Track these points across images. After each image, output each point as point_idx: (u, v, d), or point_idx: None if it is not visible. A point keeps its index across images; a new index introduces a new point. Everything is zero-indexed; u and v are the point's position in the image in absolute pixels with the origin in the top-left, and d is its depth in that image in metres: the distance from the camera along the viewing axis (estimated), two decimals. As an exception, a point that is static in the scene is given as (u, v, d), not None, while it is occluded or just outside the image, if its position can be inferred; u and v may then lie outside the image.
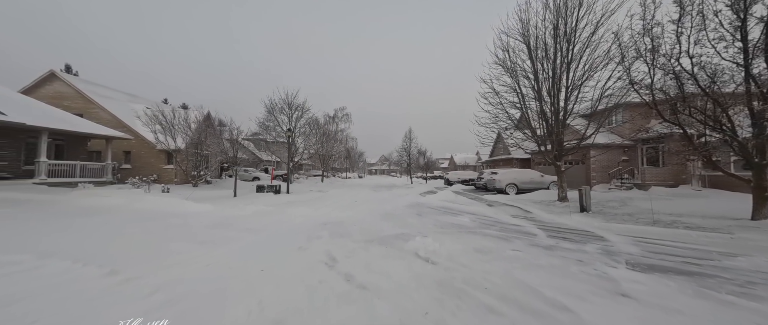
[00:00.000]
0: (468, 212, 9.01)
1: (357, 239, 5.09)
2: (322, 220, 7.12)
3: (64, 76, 15.69)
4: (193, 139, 14.78)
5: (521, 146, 11.82)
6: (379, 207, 10.00)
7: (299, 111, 20.08)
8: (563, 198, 10.55)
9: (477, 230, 6.16)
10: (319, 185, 25.12)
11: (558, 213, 8.60)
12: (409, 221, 7.25)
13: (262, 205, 9.57)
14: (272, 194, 13.66)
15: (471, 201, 12.05)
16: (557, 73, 10.42)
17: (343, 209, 9.26)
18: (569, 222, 7.14)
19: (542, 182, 14.35)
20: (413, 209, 9.50)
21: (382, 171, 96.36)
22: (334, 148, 36.26)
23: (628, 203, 10.02)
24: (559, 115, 10.64)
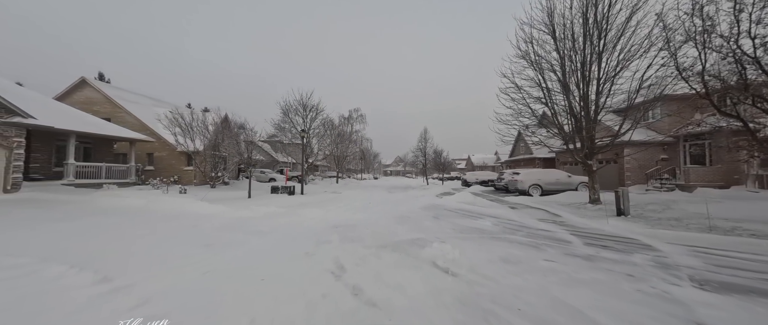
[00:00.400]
0: (489, 215, 8.38)
1: (368, 245, 4.69)
2: (334, 222, 6.78)
3: (94, 83, 16.54)
4: (211, 141, 15.03)
5: (547, 144, 10.98)
6: (393, 209, 9.57)
7: (313, 112, 20.10)
8: (595, 200, 9.64)
9: (501, 235, 5.58)
10: (334, 186, 25.04)
11: (591, 217, 7.78)
12: (426, 224, 6.76)
13: (275, 206, 9.40)
14: (286, 195, 13.57)
15: (491, 203, 11.34)
16: (587, 64, 9.56)
17: (356, 211, 8.91)
18: (606, 227, 6.38)
19: (569, 183, 13.33)
20: (429, 212, 8.99)
21: (398, 172, 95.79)
22: (348, 149, 36.24)
23: (672, 206, 8.97)
24: (589, 109, 9.76)
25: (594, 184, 9.70)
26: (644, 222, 6.83)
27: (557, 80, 10.30)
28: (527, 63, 10.61)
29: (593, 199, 9.67)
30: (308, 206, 10.01)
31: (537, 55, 10.37)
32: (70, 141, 10.99)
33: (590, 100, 9.71)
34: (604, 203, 9.67)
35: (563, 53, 9.87)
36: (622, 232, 5.90)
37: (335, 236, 5.29)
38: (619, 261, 3.91)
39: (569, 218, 7.80)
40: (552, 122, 10.37)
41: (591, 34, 9.32)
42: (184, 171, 15.74)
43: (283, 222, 6.81)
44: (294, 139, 21.27)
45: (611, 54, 9.05)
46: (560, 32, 9.95)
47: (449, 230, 6.03)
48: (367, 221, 7.12)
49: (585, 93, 9.68)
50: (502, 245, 4.78)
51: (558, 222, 7.16)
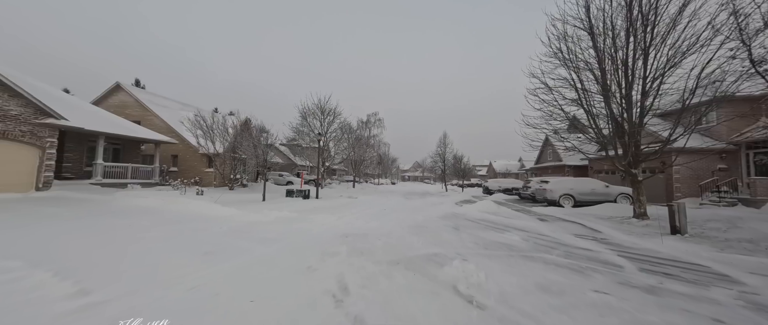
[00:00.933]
0: (516, 227, 7.54)
1: (379, 259, 4.14)
2: (345, 230, 6.31)
3: (128, 88, 17.52)
4: (231, 143, 15.25)
5: (581, 150, 9.90)
6: (409, 217, 8.96)
7: (331, 115, 20.00)
8: (642, 215, 8.46)
9: (533, 253, 4.82)
10: (350, 190, 24.77)
11: (640, 235, 6.73)
12: (445, 236, 6.10)
13: (287, 211, 9.12)
14: (301, 199, 13.37)
15: (517, 214, 10.40)
16: (630, 61, 8.50)
17: (370, 219, 8.40)
18: (662, 249, 5.38)
19: (607, 194, 12.01)
20: (449, 221, 8.29)
21: (416, 178, 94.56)
22: (366, 153, 36.01)
23: (739, 224, 7.62)
24: (632, 112, 8.66)
25: (640, 196, 8.53)
26: (709, 244, 5.73)
27: (594, 80, 9.29)
28: (559, 61, 9.68)
29: (639, 213, 8.50)
30: (321, 212, 9.64)
31: (571, 52, 9.43)
32: (99, 142, 11.46)
33: (634, 101, 8.62)
34: (652, 218, 8.47)
35: (602, 50, 8.88)
36: (684, 255, 4.92)
37: (344, 247, 4.80)
38: (695, 297, 3.08)
39: (612, 234, 6.79)
40: (588, 126, 9.32)
41: (635, 27, 8.29)
42: (205, 173, 16.10)
43: (293, 228, 6.44)
44: (312, 142, 21.33)
45: (660, 49, 7.97)
46: (598, 27, 8.98)
47: (471, 245, 5.34)
48: (380, 230, 6.58)
49: (628, 93, 8.61)
50: (536, 266, 4.05)
51: (599, 240, 6.22)
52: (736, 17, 5.56)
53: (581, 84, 9.17)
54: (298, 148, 27.28)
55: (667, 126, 8.72)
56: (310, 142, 21.07)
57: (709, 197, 11.11)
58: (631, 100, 8.66)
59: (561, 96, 9.71)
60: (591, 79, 9.29)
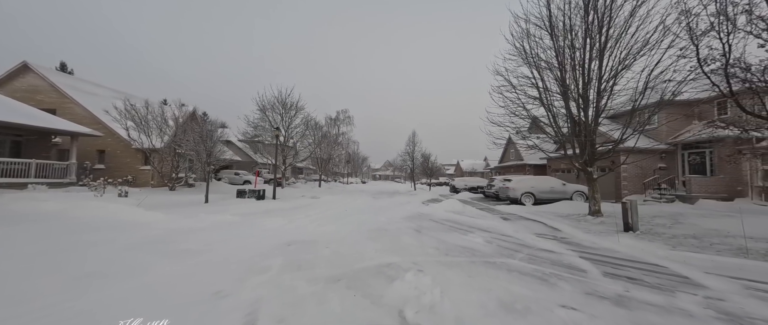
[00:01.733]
0: (480, 227, 7.22)
1: (317, 275, 3.39)
2: (291, 237, 5.45)
3: (38, 69, 14.60)
4: (172, 137, 13.35)
5: (542, 149, 9.99)
6: (371, 219, 8.29)
7: (293, 110, 18.62)
8: (596, 212, 8.66)
9: (496, 258, 4.40)
10: (315, 190, 23.56)
11: (597, 233, 6.73)
12: (404, 240, 5.51)
13: (231, 214, 7.96)
14: (254, 199, 12.08)
15: (482, 213, 10.24)
16: (586, 62, 8.66)
17: (327, 222, 7.58)
18: (619, 247, 5.30)
19: (564, 192, 12.43)
20: (412, 223, 7.77)
21: (387, 177, 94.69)
22: (334, 151, 34.78)
23: (681, 219, 8.07)
24: (588, 111, 8.85)
25: (594, 193, 8.73)
26: (661, 241, 5.80)
27: (554, 79, 9.38)
28: (523, 60, 9.67)
29: (594, 210, 8.69)
30: (272, 214, 8.60)
31: (533, 51, 9.44)
32: (-10, 132, 9.20)
33: (590, 101, 8.80)
34: (606, 215, 8.72)
35: (561, 50, 8.96)
36: (642, 254, 4.83)
37: (279, 259, 3.97)
38: (665, 308, 2.77)
39: (572, 233, 6.72)
40: (549, 124, 9.39)
41: (591, 29, 8.45)
42: (140, 171, 13.96)
43: (228, 236, 5.43)
44: (275, 139, 19.71)
45: (614, 50, 8.17)
46: (558, 27, 9.06)
47: (432, 251, 4.80)
48: (333, 235, 5.81)
49: (584, 93, 8.77)
50: (499, 276, 3.58)
51: (560, 239, 6.06)
52: (687, 16, 5.68)
53: (543, 83, 9.20)
54: (259, 145, 25.28)
55: (616, 127, 9.12)
56: (273, 139, 19.48)
57: (652, 194, 11.94)
58: (587, 100, 8.83)
59: (524, 94, 9.71)
60: (551, 79, 9.36)
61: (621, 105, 9.02)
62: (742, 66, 5.03)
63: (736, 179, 10.45)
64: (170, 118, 13.59)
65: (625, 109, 8.92)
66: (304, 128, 19.46)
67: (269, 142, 19.40)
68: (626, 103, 8.72)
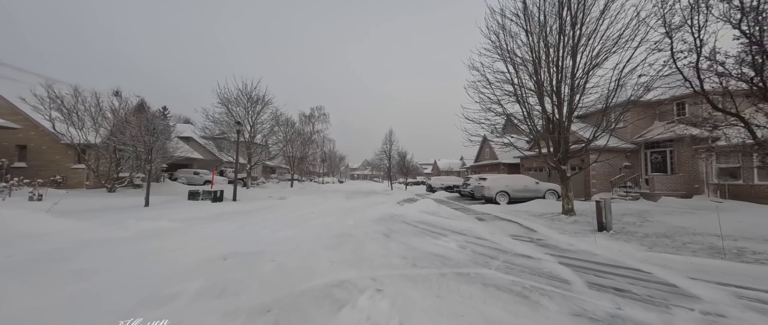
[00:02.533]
0: (454, 230, 6.71)
1: (242, 304, 2.58)
2: (231, 248, 4.54)
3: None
4: (113, 131, 11.59)
5: (516, 146, 9.75)
6: (338, 222, 7.51)
7: (260, 104, 17.19)
8: (570, 211, 8.51)
9: (470, 268, 3.83)
10: (286, 190, 22.23)
11: (572, 233, 6.46)
12: (369, 248, 4.80)
13: (169, 220, 6.80)
14: (210, 201, 10.80)
15: (457, 213, 9.81)
16: (561, 59, 8.49)
17: (284, 227, 6.69)
18: (597, 250, 4.98)
19: (537, 190, 12.42)
20: (382, 226, 7.09)
21: (365, 176, 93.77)
22: (309, 150, 33.36)
23: (649, 217, 8.11)
24: (562, 109, 8.70)
25: (568, 192, 8.58)
26: (636, 241, 5.58)
27: (529, 76, 9.15)
28: (498, 56, 9.35)
29: (567, 209, 8.54)
30: (222, 219, 7.52)
31: (509, 47, 9.14)
32: None
33: (563, 97, 8.65)
34: (579, 214, 8.61)
35: (536, 47, 8.73)
36: (622, 257, 4.51)
37: (199, 282, 3.09)
38: (665, 330, 2.29)
39: (548, 234, 6.39)
40: (523, 121, 9.14)
41: (565, 25, 8.28)
42: (72, 170, 12.03)
43: (149, 249, 4.41)
44: (228, 134, 17.94)
45: (587, 47, 8.04)
46: (533, 23, 8.83)
47: (398, 260, 4.13)
48: (287, 243, 4.98)
49: (558, 90, 8.60)
50: (473, 294, 2.98)
51: (537, 241, 5.67)
52: (662, 6, 5.50)
53: (518, 79, 8.92)
54: (225, 143, 23.50)
55: (584, 127, 9.10)
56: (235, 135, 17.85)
57: (618, 192, 12.24)
58: (560, 97, 8.67)
59: (500, 90, 9.40)
60: (526, 75, 9.12)
61: (592, 103, 8.97)
62: (717, 60, 4.88)
63: (693, 177, 10.93)
64: (109, 109, 11.73)
65: (596, 108, 8.90)
66: (273, 124, 18.06)
67: (234, 138, 17.81)
68: (597, 101, 8.67)
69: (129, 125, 10.10)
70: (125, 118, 10.04)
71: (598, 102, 8.77)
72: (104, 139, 11.47)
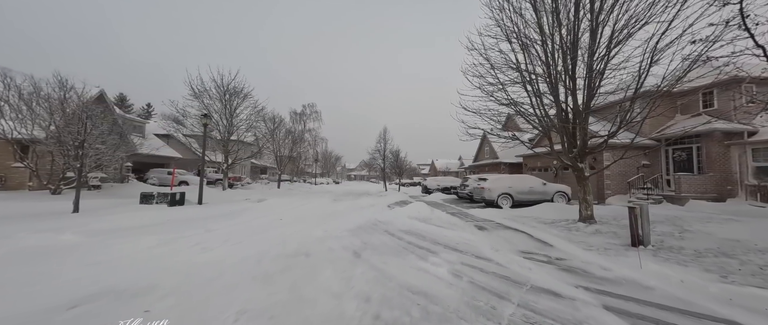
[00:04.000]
0: (448, 244, 5.24)
1: None
2: (105, 283, 3.06)
3: None
4: (62, 125, 10.01)
5: (522, 140, 8.29)
6: (302, 233, 6.01)
7: (240, 97, 15.62)
8: (588, 218, 7.05)
9: (467, 322, 2.34)
10: (273, 191, 20.73)
11: (600, 249, 5.00)
12: (320, 280, 3.33)
13: (76, 232, 5.29)
14: (166, 205, 9.27)
15: (452, 220, 8.32)
16: (577, 34, 7.05)
17: (229, 240, 5.20)
18: (645, 278, 3.52)
19: (545, 193, 10.97)
20: (357, 238, 5.60)
21: (362, 177, 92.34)
22: (299, 148, 31.83)
23: (685, 226, 6.64)
24: (578, 95, 7.25)
25: (586, 195, 7.12)
26: (695, 265, 4.12)
27: (537, 58, 7.69)
28: (501, 31, 7.88)
29: (585, 215, 7.08)
30: (153, 231, 5.97)
31: (514, 22, 7.68)
32: None
33: (583, 78, 7.20)
34: (600, 222, 7.14)
35: (547, 23, 7.28)
36: (687, 292, 3.09)
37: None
38: None
39: (569, 250, 4.91)
40: (532, 109, 7.66)
41: None
42: (12, 169, 10.47)
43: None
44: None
45: (610, 16, 6.57)
46: None
47: (354, 307, 2.65)
48: (204, 271, 3.49)
49: (573, 72, 7.15)
50: None
51: (558, 262, 4.21)
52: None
53: (527, 57, 7.45)
54: (210, 141, 21.75)
55: (594, 121, 7.67)
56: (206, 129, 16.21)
57: (636, 195, 10.80)
58: (575, 82, 7.23)
59: (504, 74, 7.95)
60: (535, 56, 7.66)
61: (613, 89, 7.50)
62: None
63: (725, 177, 9.50)
64: (57, 100, 10.04)
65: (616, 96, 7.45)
66: (254, 119, 16.51)
67: (212, 136, 16.28)
68: (621, 86, 7.21)
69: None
70: (89, 114, 8.51)
71: (620, 87, 7.31)
72: (51, 135, 9.90)
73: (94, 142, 8.43)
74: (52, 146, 8.99)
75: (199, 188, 10.93)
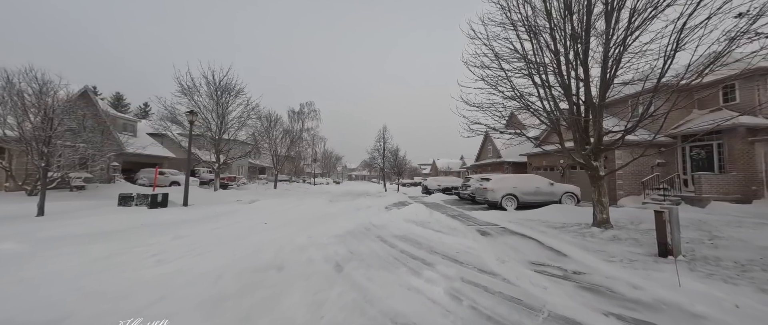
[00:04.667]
0: (446, 253, 4.58)
1: None
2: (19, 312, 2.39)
3: None
4: (45, 123, 9.37)
5: (529, 137, 7.59)
6: (283, 240, 5.36)
7: (232, 94, 14.96)
8: (604, 222, 6.35)
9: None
10: (269, 192, 20.12)
11: (624, 260, 4.30)
12: (280, 309, 2.66)
13: (20, 241, 4.66)
14: (146, 207, 8.66)
15: (453, 224, 7.64)
16: (591, 20, 6.35)
17: (196, 250, 4.56)
18: (688, 301, 2.84)
19: (552, 193, 10.26)
20: (343, 246, 4.95)
21: (363, 177, 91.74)
22: (297, 148, 31.25)
23: (714, 231, 5.92)
24: (590, 88, 6.56)
25: (601, 197, 6.42)
26: (746, 283, 3.41)
27: (546, 47, 6.99)
28: (506, 18, 7.19)
29: (600, 219, 6.37)
30: (117, 237, 5.34)
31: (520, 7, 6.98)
32: None
33: (591, 75, 6.51)
34: (617, 227, 6.44)
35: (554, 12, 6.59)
36: (747, 321, 2.36)
37: None
38: None
39: (587, 261, 4.22)
40: (539, 102, 6.97)
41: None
42: (-14, 169, 9.92)
43: None
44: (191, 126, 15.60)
45: None
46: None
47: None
48: (139, 296, 2.84)
49: (585, 60, 6.45)
50: None
51: (577, 278, 3.53)
52: None
53: (535, 44, 6.75)
54: (203, 140, 21.26)
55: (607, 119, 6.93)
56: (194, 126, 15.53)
57: (651, 196, 10.06)
58: (587, 69, 6.53)
59: (508, 63, 7.26)
60: (544, 44, 6.96)
61: (632, 78, 6.78)
62: None
63: (750, 177, 8.75)
64: (30, 94, 9.42)
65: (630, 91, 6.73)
66: (246, 117, 15.83)
67: (203, 134, 15.68)
68: (641, 75, 6.50)
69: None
70: (70, 110, 7.91)
71: (638, 77, 6.60)
72: (28, 134, 9.28)
73: (62, 139, 7.81)
74: (22, 145, 8.41)
75: (184, 188, 10.32)
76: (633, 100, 5.97)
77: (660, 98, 6.10)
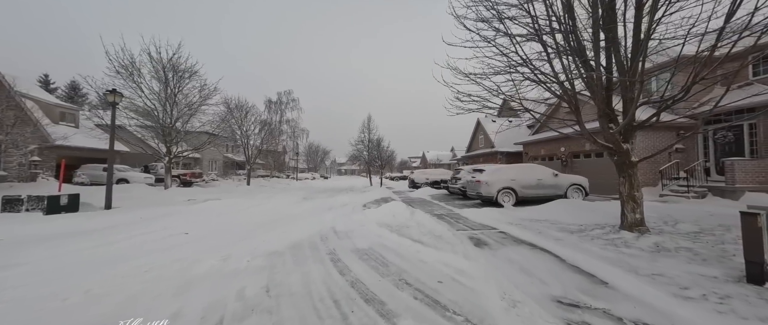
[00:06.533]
0: (421, 287, 2.86)
1: None
2: None
3: None
4: None
5: (534, 114, 5.92)
6: (174, 269, 3.52)
7: (185, 75, 12.65)
8: (637, 224, 4.76)
9: None
10: (240, 189, 18.08)
11: (708, 292, 2.67)
12: None
13: None
14: (41, 213, 6.63)
15: (438, 227, 5.93)
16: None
17: (22, 291, 2.66)
18: None
19: (557, 186, 8.71)
20: (264, 276, 3.19)
21: (352, 171, 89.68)
22: (275, 140, 29.06)
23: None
24: (619, 50, 4.91)
25: (633, 190, 4.83)
26: None
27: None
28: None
29: (633, 220, 4.78)
30: None
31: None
32: None
33: (619, 35, 4.84)
34: (653, 229, 4.86)
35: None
36: None
37: None
38: None
39: (650, 299, 2.56)
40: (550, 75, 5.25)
41: None
42: None
43: None
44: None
45: None
46: None
47: None
48: None
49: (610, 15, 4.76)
50: None
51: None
52: None
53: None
54: (153, 131, 18.84)
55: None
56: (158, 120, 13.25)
57: (670, 187, 8.63)
58: (616, 28, 4.85)
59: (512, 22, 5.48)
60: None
61: (674, 32, 5.13)
62: None
63: (790, 162, 7.38)
64: None
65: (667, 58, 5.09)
66: (201, 101, 13.58)
67: (143, 122, 13.36)
68: (682, 29, 4.85)
69: None
70: None
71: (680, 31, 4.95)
72: None
73: None
74: None
75: (107, 187, 8.30)
76: (683, 58, 4.29)
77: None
